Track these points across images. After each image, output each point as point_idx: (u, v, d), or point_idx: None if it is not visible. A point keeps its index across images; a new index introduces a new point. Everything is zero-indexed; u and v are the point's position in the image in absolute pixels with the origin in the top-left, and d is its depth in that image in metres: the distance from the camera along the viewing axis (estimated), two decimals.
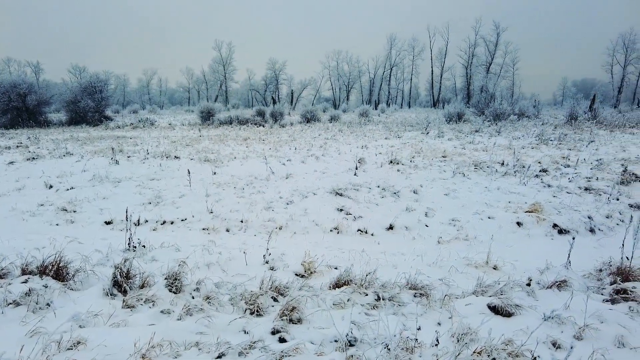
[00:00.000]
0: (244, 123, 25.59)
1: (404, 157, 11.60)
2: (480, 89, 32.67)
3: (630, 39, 55.86)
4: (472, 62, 58.82)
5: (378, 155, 12.15)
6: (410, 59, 67.08)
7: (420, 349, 2.77)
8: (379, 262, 5.05)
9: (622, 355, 2.80)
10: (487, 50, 58.44)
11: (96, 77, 27.61)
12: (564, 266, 4.65)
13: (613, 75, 58.42)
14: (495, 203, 7.55)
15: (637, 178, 9.72)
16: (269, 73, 71.55)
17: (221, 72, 70.41)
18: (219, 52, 69.53)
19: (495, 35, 57.48)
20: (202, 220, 6.59)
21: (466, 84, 58.38)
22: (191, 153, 12.48)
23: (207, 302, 3.58)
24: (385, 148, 13.71)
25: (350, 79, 70.88)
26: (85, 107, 25.72)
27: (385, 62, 67.64)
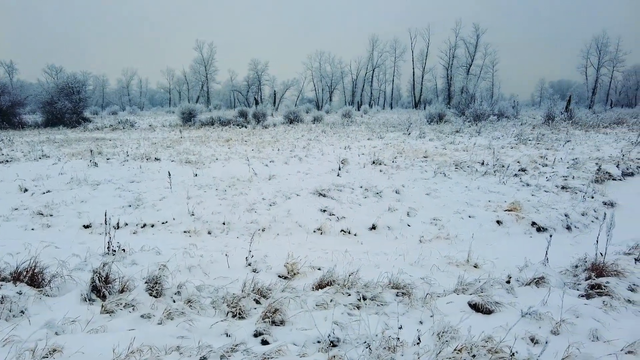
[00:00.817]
0: (226, 124, 25.39)
1: (387, 158, 11.69)
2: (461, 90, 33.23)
3: (603, 42, 57.66)
4: (452, 64, 59.73)
5: (361, 156, 12.21)
6: (392, 61, 67.72)
7: (402, 348, 2.79)
8: (361, 262, 5.07)
9: (597, 348, 2.88)
10: (467, 51, 59.44)
11: (73, 78, 27.01)
12: (541, 263, 4.74)
13: (587, 77, 60.24)
14: (475, 202, 7.67)
15: (610, 176, 10.03)
16: (251, 74, 71.19)
17: (202, 73, 69.73)
18: (200, 52, 68.91)
19: (475, 37, 58.54)
20: (184, 222, 6.51)
21: (447, 85, 59.27)
22: (172, 155, 12.31)
23: (189, 306, 3.53)
24: (367, 149, 13.80)
25: (333, 80, 71.08)
26: (62, 108, 25.11)
27: (368, 64, 68.12)
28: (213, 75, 70.71)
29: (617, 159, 11.33)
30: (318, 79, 70.88)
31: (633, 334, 2.98)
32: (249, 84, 71.80)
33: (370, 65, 67.92)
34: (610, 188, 9.26)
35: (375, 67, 68.05)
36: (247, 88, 72.04)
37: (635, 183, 9.89)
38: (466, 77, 58.14)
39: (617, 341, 2.94)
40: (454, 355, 2.58)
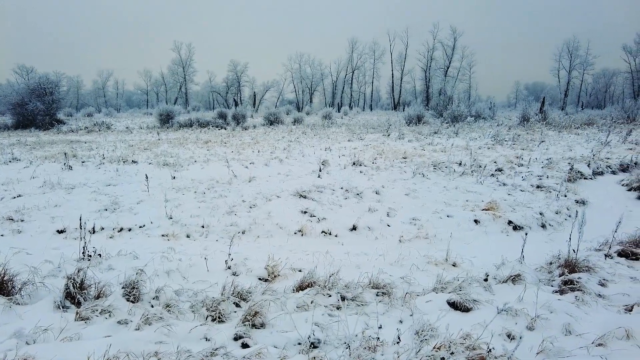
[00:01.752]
0: (205, 126, 25.11)
1: (367, 159, 11.77)
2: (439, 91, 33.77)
3: (574, 46, 59.53)
4: (430, 66, 60.60)
5: (341, 157, 12.26)
6: (372, 63, 68.30)
7: (383, 347, 2.81)
8: (342, 263, 5.08)
9: (569, 342, 2.96)
10: (445, 54, 60.46)
11: (46, 78, 26.20)
12: (518, 261, 4.86)
13: (560, 79, 62.01)
14: (453, 202, 7.80)
15: (582, 175, 10.35)
16: (231, 75, 70.57)
17: (181, 74, 68.76)
18: (179, 53, 67.93)
19: (452, 40, 59.56)
20: (161, 226, 6.39)
21: (425, 87, 60.10)
22: (149, 157, 12.09)
23: (167, 311, 3.47)
24: (348, 150, 13.86)
25: (313, 82, 71.14)
26: (34, 109, 24.33)
27: (347, 65, 68.48)
28: (191, 76, 69.83)
29: (588, 159, 11.70)
30: (298, 80, 70.83)
31: (603, 327, 3.08)
32: (228, 85, 71.14)
33: (350, 67, 68.32)
34: (582, 187, 9.56)
35: (355, 69, 68.49)
36: (226, 89, 71.36)
37: (605, 181, 10.24)
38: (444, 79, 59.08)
39: (588, 334, 3.04)
40: (433, 354, 2.61)
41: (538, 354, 2.82)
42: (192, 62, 68.81)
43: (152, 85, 75.09)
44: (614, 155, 12.39)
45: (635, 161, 11.71)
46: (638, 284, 4.18)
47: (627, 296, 3.90)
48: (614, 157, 12.11)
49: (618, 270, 4.54)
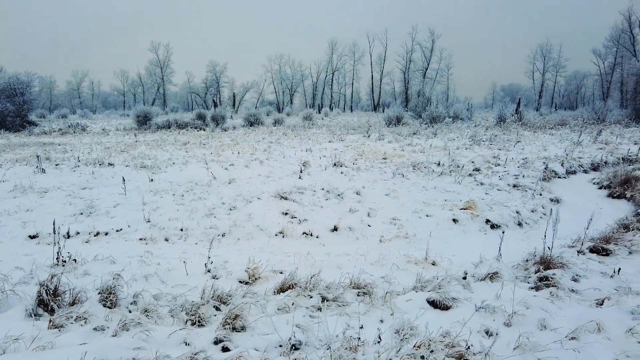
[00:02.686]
0: (184, 127, 24.76)
1: (347, 160, 11.82)
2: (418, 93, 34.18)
3: (547, 49, 61.20)
4: (409, 68, 61.26)
5: (322, 158, 12.28)
6: (351, 64, 68.49)
7: (364, 347, 2.83)
8: (323, 264, 5.09)
9: (544, 336, 3.04)
10: (424, 56, 61.19)
11: (16, 79, 25.33)
12: (495, 259, 4.96)
13: (534, 81, 63.61)
14: (432, 202, 7.91)
15: (556, 174, 10.66)
16: (210, 76, 69.76)
17: (159, 75, 67.57)
18: (156, 53, 66.72)
19: (430, 42, 60.32)
20: (139, 229, 6.27)
21: (404, 89, 60.73)
22: (126, 159, 11.84)
23: (145, 316, 3.41)
24: (329, 151, 13.89)
25: (294, 83, 70.98)
26: (4, 111, 23.50)
27: (327, 67, 68.54)
28: (169, 77, 68.68)
29: (561, 158, 12.06)
30: (278, 81, 70.54)
31: (576, 321, 3.18)
32: (207, 86, 70.31)
33: (330, 68, 68.43)
34: (556, 185, 9.84)
35: (335, 70, 68.64)
36: (205, 90, 70.51)
37: (577, 180, 10.58)
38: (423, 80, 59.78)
39: (562, 329, 3.13)
40: (413, 352, 2.64)
41: (515, 349, 2.88)
42: (170, 63, 67.71)
43: (129, 86, 73.50)
44: (585, 155, 12.80)
45: (605, 160, 12.13)
46: (608, 279, 4.33)
47: (598, 290, 4.04)
48: (585, 157, 12.52)
49: (590, 266, 4.69)
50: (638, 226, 6.10)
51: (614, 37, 48.83)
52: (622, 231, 6.01)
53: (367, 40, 66.80)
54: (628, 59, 43.76)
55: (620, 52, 48.87)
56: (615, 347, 2.82)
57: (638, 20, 45.76)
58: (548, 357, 2.76)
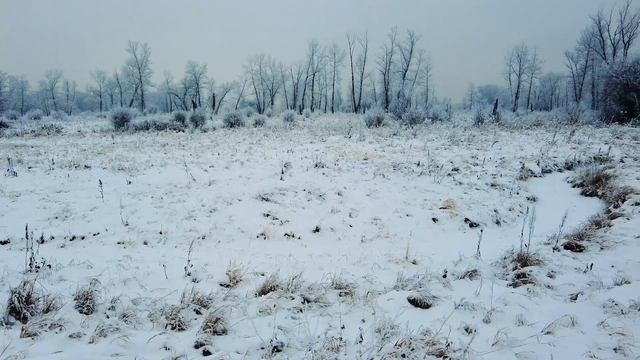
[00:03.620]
0: (162, 128, 24.38)
1: (329, 161, 11.85)
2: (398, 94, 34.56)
3: (523, 51, 62.84)
4: (389, 69, 61.85)
5: (304, 159, 12.27)
6: (332, 65, 68.80)
7: (346, 347, 2.84)
8: (305, 265, 5.09)
9: (522, 332, 3.11)
10: (403, 57, 61.90)
11: None
12: (474, 257, 5.05)
13: (511, 82, 65.18)
14: (412, 201, 8.00)
15: (532, 174, 10.93)
16: (189, 76, 68.91)
17: (136, 75, 66.36)
18: (134, 53, 65.54)
19: (410, 44, 61.06)
20: (117, 233, 6.14)
21: (385, 90, 61.25)
22: (103, 162, 11.60)
23: (124, 321, 3.34)
24: (310, 152, 13.90)
25: (274, 84, 70.79)
26: None
27: (308, 68, 68.61)
28: (147, 77, 67.55)
29: (537, 158, 12.37)
30: (259, 82, 70.21)
31: (551, 316, 3.27)
32: (186, 87, 69.43)
33: (311, 69, 68.52)
34: (533, 184, 10.09)
35: (315, 71, 68.75)
36: (184, 91, 69.62)
37: (552, 179, 10.87)
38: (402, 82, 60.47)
39: (539, 324, 3.21)
40: (394, 351, 2.66)
41: (493, 345, 2.94)
42: (148, 63, 66.62)
43: (105, 86, 71.89)
44: (560, 154, 13.17)
45: (578, 160, 12.50)
46: (581, 274, 4.46)
47: (572, 286, 4.16)
48: (560, 156, 12.88)
49: (564, 262, 4.83)
50: (609, 223, 6.32)
51: (585, 41, 50.52)
52: (594, 228, 6.21)
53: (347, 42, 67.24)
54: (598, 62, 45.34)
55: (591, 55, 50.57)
56: (588, 340, 2.91)
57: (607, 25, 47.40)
58: (525, 351, 2.83)
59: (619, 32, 46.78)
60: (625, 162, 11.71)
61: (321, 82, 71.61)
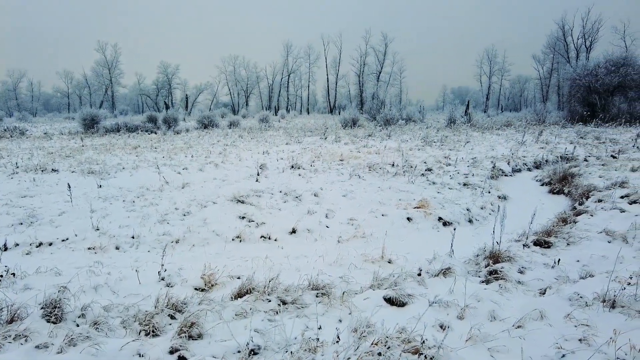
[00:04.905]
0: (134, 130, 23.81)
1: (305, 162, 11.84)
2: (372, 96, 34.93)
3: (493, 54, 64.63)
4: (363, 71, 62.38)
5: (280, 161, 12.23)
6: (307, 67, 68.87)
7: (323, 348, 2.85)
8: (282, 267, 5.07)
9: (494, 327, 3.20)
10: (377, 59, 62.54)
11: None
12: (448, 255, 5.16)
13: (482, 84, 66.88)
14: (387, 201, 8.09)
15: (503, 173, 11.24)
16: (161, 77, 67.58)
17: (106, 76, 64.49)
18: (103, 54, 63.71)
19: (383, 46, 61.76)
20: (87, 238, 5.96)
21: (359, 91, 61.73)
22: (72, 165, 11.22)
23: (95, 329, 3.24)
24: (286, 153, 13.86)
25: (249, 85, 70.23)
26: None
27: (283, 69, 68.44)
28: (118, 78, 65.75)
29: (508, 157, 12.74)
30: (233, 83, 69.49)
31: (522, 310, 3.37)
32: (158, 88, 68.02)
33: (286, 70, 68.36)
34: (503, 183, 10.38)
35: (290, 72, 68.64)
36: (156, 92, 68.19)
37: (522, 178, 11.22)
38: (376, 83, 61.17)
39: (510, 318, 3.31)
40: (371, 349, 2.69)
41: (467, 341, 3.01)
42: (118, 64, 64.87)
43: (73, 87, 69.54)
44: (529, 154, 13.61)
45: (546, 159, 12.96)
46: (550, 269, 4.62)
47: (541, 281, 4.31)
48: (529, 156, 13.30)
49: (534, 258, 4.98)
50: (574, 219, 6.57)
51: (551, 44, 52.39)
52: (561, 224, 6.44)
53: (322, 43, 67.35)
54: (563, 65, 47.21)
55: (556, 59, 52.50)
56: (555, 332, 3.02)
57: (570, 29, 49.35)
58: (497, 346, 2.91)
59: (581, 36, 48.84)
60: (589, 161, 12.21)
61: (296, 83, 71.58)
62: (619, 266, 4.18)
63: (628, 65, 24.88)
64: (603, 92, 25.36)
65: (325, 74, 66.56)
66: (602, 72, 25.13)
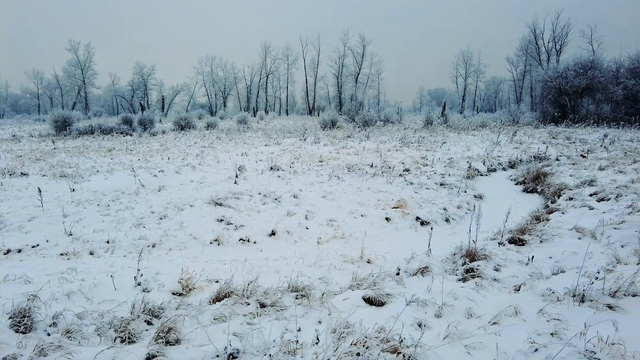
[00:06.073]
0: (108, 132, 23.24)
1: (284, 163, 11.81)
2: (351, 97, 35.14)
3: (468, 56, 65.91)
4: (342, 72, 62.61)
5: (258, 162, 12.15)
6: (286, 68, 68.55)
7: (302, 350, 2.84)
8: (261, 270, 5.04)
9: (470, 324, 3.26)
10: (355, 61, 62.84)
11: None
12: (425, 254, 5.22)
13: (458, 85, 68.10)
14: (366, 202, 8.15)
15: (478, 172, 11.48)
16: (136, 78, 66.10)
17: (79, 77, 62.53)
18: (75, 54, 61.80)
19: (361, 47, 62.12)
20: (60, 244, 5.77)
21: (338, 93, 61.95)
22: (43, 168, 10.87)
23: (67, 337, 3.15)
24: (265, 155, 13.79)
25: (227, 86, 69.47)
26: None
27: (261, 70, 67.98)
28: (91, 79, 63.85)
29: (483, 157, 13.03)
30: (210, 84, 68.61)
31: (497, 307, 3.44)
32: (133, 89, 66.54)
33: (264, 71, 67.94)
34: (479, 183, 10.60)
35: (269, 73, 68.25)
36: (131, 93, 66.67)
37: (497, 177, 11.49)
38: (355, 85, 61.48)
39: (486, 315, 3.37)
40: (350, 350, 2.70)
41: (445, 339, 3.06)
42: (91, 64, 63.05)
43: (44, 88, 67.16)
44: (504, 154, 13.95)
45: (520, 158, 13.31)
46: (524, 266, 4.75)
47: (516, 277, 4.41)
48: (504, 156, 13.64)
49: (509, 256, 5.10)
50: (547, 217, 6.77)
51: (523, 47, 53.86)
52: (535, 222, 6.63)
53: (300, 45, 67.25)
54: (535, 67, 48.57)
55: (529, 61, 53.98)
56: (529, 327, 3.10)
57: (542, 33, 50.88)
58: (473, 342, 2.97)
59: (551, 40, 50.38)
60: (561, 161, 12.62)
61: (275, 84, 71.18)
62: (588, 261, 4.32)
63: (595, 68, 25.83)
64: (572, 93, 26.24)
65: (304, 75, 66.50)
66: (572, 74, 26.01)
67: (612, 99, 25.50)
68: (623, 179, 8.55)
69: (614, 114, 25.09)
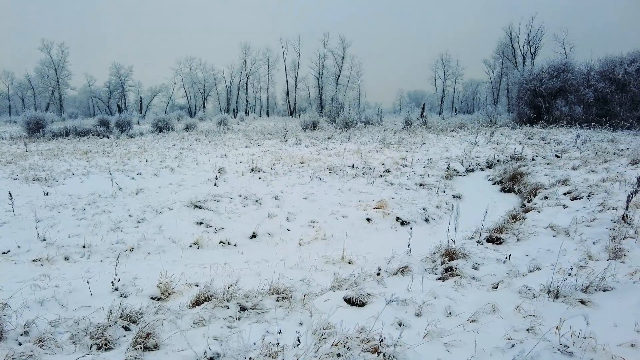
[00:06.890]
0: (84, 134, 22.70)
1: (265, 165, 11.76)
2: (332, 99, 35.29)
3: (447, 58, 67.06)
4: (322, 74, 62.72)
5: (239, 164, 12.07)
6: (266, 69, 68.32)
7: (283, 352, 2.83)
8: (242, 272, 4.99)
9: (450, 322, 3.31)
10: (336, 62, 63.06)
11: None
12: (406, 254, 5.27)
13: (437, 87, 69.17)
14: (348, 203, 8.18)
15: (457, 173, 11.67)
16: (113, 79, 64.72)
17: (53, 77, 60.81)
18: (49, 53, 60.07)
19: (342, 49, 62.42)
20: (32, 250, 5.59)
21: (319, 94, 62.04)
22: (14, 172, 10.53)
23: (40, 346, 3.05)
24: (246, 156, 13.70)
25: (206, 87, 68.72)
26: None
27: (241, 71, 67.51)
28: (66, 80, 62.17)
29: (462, 158, 13.25)
30: (189, 85, 67.74)
31: (476, 305, 3.50)
32: (110, 90, 65.14)
33: (244, 72, 67.48)
34: (458, 183, 10.78)
35: (249, 74, 67.83)
36: (108, 94, 65.26)
37: (475, 177, 11.70)
38: (336, 87, 61.70)
39: (465, 313, 3.43)
40: (331, 351, 2.70)
41: (424, 337, 3.09)
42: (66, 64, 61.40)
43: (15, 88, 65.08)
44: (481, 154, 14.22)
45: (497, 159, 13.59)
46: (501, 264, 4.85)
47: (494, 276, 4.51)
48: (481, 156, 13.90)
49: (487, 254, 5.21)
50: (523, 216, 6.93)
51: (500, 50, 55.18)
52: (512, 221, 6.78)
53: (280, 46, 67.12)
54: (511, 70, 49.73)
55: (505, 63, 55.29)
56: (506, 324, 3.16)
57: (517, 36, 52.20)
58: (452, 340, 3.01)
59: (526, 43, 51.78)
60: (536, 161, 12.95)
61: (255, 85, 70.78)
62: (562, 258, 4.45)
63: (568, 71, 26.62)
64: (547, 95, 26.98)
65: (285, 77, 66.33)
66: (546, 77, 26.74)
67: (583, 101, 26.30)
68: (594, 178, 8.83)
69: (586, 115, 25.88)
